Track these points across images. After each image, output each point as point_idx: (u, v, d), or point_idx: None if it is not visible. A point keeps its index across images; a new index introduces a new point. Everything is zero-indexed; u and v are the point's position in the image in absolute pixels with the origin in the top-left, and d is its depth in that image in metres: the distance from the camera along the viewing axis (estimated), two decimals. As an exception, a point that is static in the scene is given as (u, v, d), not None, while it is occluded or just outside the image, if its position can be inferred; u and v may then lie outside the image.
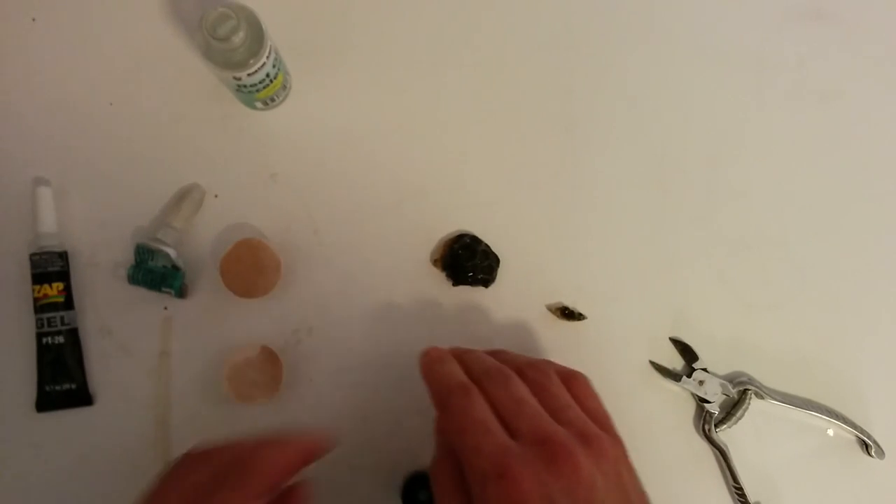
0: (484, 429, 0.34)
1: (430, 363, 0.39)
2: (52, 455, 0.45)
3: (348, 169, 0.48)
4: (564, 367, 0.40)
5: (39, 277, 0.45)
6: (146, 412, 0.45)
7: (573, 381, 0.40)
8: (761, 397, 0.46)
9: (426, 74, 0.50)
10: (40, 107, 0.48)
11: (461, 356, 0.40)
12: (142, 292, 0.46)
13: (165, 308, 0.46)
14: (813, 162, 0.50)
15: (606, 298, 0.48)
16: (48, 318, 0.45)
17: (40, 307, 0.45)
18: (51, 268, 0.45)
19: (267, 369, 0.44)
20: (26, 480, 0.44)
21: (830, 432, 0.48)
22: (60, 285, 0.45)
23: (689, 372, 0.47)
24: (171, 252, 0.45)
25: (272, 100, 0.47)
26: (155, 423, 0.45)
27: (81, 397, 0.45)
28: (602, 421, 0.38)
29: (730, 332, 0.48)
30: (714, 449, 0.46)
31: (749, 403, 0.46)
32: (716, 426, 0.46)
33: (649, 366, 0.47)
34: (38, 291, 0.45)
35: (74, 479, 0.44)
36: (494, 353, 0.41)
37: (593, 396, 0.40)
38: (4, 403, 0.45)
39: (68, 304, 0.45)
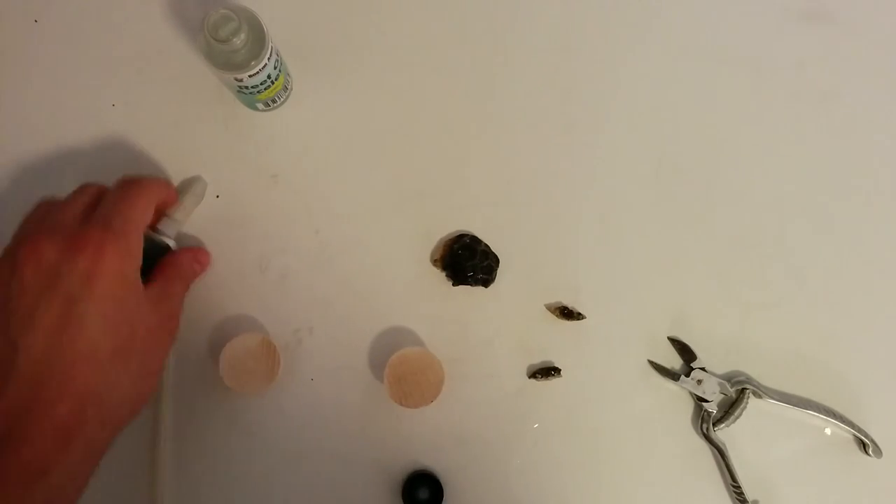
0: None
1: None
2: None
3: (349, 169, 0.49)
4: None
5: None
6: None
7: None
8: (759, 396, 0.46)
9: (426, 75, 0.50)
10: (42, 108, 0.48)
11: None
12: (143, 291, 0.46)
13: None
14: (811, 162, 0.51)
15: (605, 298, 0.48)
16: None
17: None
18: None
19: (264, 360, 0.44)
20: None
21: (828, 431, 0.48)
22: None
23: (688, 371, 0.47)
24: (172, 244, 0.45)
25: (273, 101, 0.47)
26: (152, 417, 0.45)
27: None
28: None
29: (728, 331, 0.48)
30: (712, 448, 0.46)
31: (747, 403, 0.46)
32: (714, 425, 0.46)
33: (648, 365, 0.47)
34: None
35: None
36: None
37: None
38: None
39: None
